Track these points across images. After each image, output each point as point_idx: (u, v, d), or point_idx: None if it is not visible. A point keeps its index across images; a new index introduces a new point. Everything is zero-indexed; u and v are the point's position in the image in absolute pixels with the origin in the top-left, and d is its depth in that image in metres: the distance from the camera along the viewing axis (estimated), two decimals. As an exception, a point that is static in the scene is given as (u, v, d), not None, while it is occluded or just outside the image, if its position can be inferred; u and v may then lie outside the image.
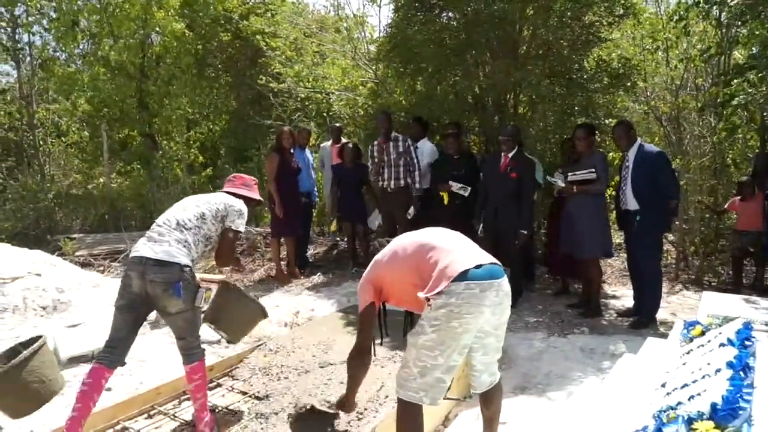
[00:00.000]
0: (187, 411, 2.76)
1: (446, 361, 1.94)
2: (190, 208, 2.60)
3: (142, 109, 9.47)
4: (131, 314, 2.43)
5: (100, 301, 4.43)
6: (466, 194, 5.09)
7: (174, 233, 2.47)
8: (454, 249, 2.07)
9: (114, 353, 2.40)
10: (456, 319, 1.91)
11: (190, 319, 2.50)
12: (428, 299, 1.95)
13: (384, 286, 2.21)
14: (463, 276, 1.93)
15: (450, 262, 1.98)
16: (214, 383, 3.06)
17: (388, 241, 2.37)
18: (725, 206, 5.47)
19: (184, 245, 2.46)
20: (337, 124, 7.13)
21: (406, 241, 2.21)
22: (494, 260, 2.09)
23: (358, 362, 2.28)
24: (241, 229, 2.69)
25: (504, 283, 2.04)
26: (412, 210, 5.48)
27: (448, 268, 1.96)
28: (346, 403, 2.45)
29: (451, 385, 2.08)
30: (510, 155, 4.70)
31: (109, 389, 2.97)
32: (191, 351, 2.53)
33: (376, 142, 5.71)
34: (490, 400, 2.24)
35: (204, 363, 2.58)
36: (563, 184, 4.59)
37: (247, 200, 2.85)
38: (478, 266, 1.99)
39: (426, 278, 2.00)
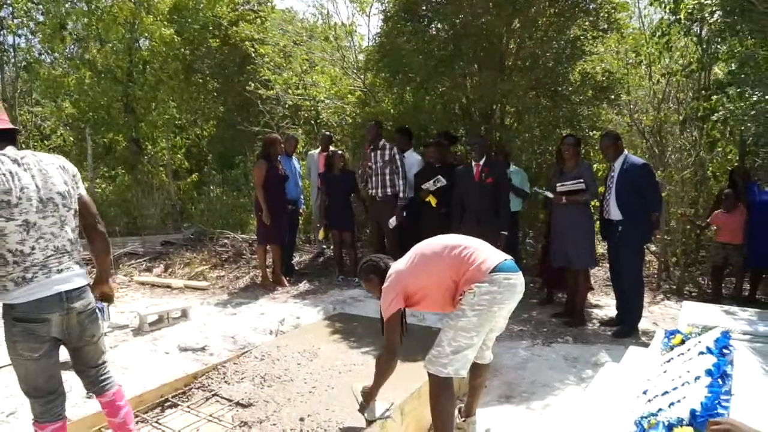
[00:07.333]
0: (170, 419, 2.73)
1: (478, 341, 2.30)
2: (67, 204, 2.05)
3: (128, 114, 9.40)
4: (54, 356, 2.03)
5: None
6: (445, 182, 5.10)
7: (73, 249, 2.07)
8: (481, 247, 2.40)
9: (62, 400, 2.07)
10: (497, 303, 2.25)
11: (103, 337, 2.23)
12: (469, 289, 2.25)
13: (418, 291, 2.41)
14: (499, 267, 2.27)
15: (487, 257, 2.32)
16: (198, 390, 3.03)
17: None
18: (708, 220, 5.55)
19: (80, 255, 2.11)
20: (327, 133, 7.15)
21: (431, 246, 2.46)
22: (511, 257, 2.42)
23: (390, 362, 2.45)
24: None
25: (521, 276, 2.37)
26: (393, 220, 5.48)
27: (486, 261, 2.30)
28: (370, 394, 2.57)
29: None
30: (481, 163, 4.77)
31: (90, 397, 2.93)
32: (108, 373, 2.24)
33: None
34: (481, 373, 2.63)
35: None
36: (551, 195, 4.65)
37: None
38: (506, 260, 2.33)
39: (464, 272, 2.30)
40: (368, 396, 2.56)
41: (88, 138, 9.43)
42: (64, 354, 2.09)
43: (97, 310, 2.16)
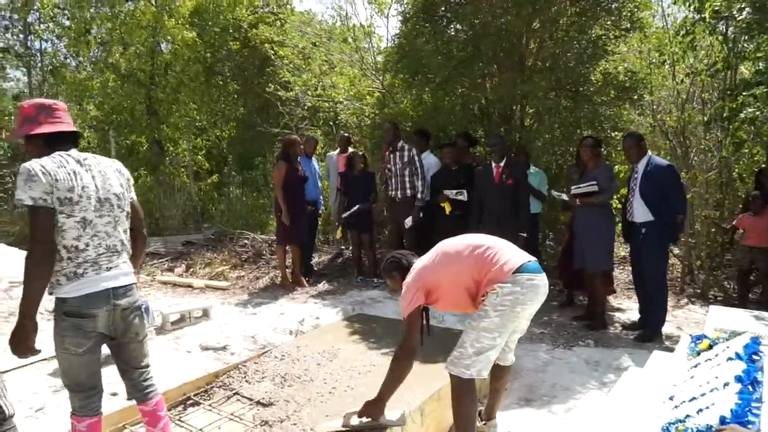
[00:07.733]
0: (192, 417, 2.77)
1: (501, 342, 2.27)
2: (121, 206, 2.13)
3: (150, 116, 9.57)
4: (98, 352, 2.09)
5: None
6: (465, 198, 5.10)
7: (123, 249, 2.15)
8: (505, 247, 2.37)
9: (100, 396, 2.12)
10: (520, 304, 2.22)
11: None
12: (492, 290, 2.23)
13: (439, 288, 2.37)
14: (523, 268, 2.25)
15: (510, 257, 2.30)
16: (220, 389, 3.07)
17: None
18: (733, 222, 5.42)
19: (128, 255, 2.19)
20: (346, 134, 7.18)
21: (454, 244, 2.43)
22: (535, 258, 2.38)
23: (405, 363, 2.36)
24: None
25: (545, 278, 2.34)
26: (409, 220, 5.48)
27: (509, 261, 2.27)
28: (377, 405, 2.40)
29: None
30: (501, 164, 4.74)
31: (115, 394, 2.99)
32: (152, 379, 2.26)
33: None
34: (502, 375, 2.62)
35: None
36: (567, 198, 4.61)
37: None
38: (529, 261, 2.31)
39: (486, 272, 2.28)
40: (377, 408, 2.40)
41: (112, 140, 9.63)
42: (104, 350, 2.14)
43: (143, 310, 2.21)
